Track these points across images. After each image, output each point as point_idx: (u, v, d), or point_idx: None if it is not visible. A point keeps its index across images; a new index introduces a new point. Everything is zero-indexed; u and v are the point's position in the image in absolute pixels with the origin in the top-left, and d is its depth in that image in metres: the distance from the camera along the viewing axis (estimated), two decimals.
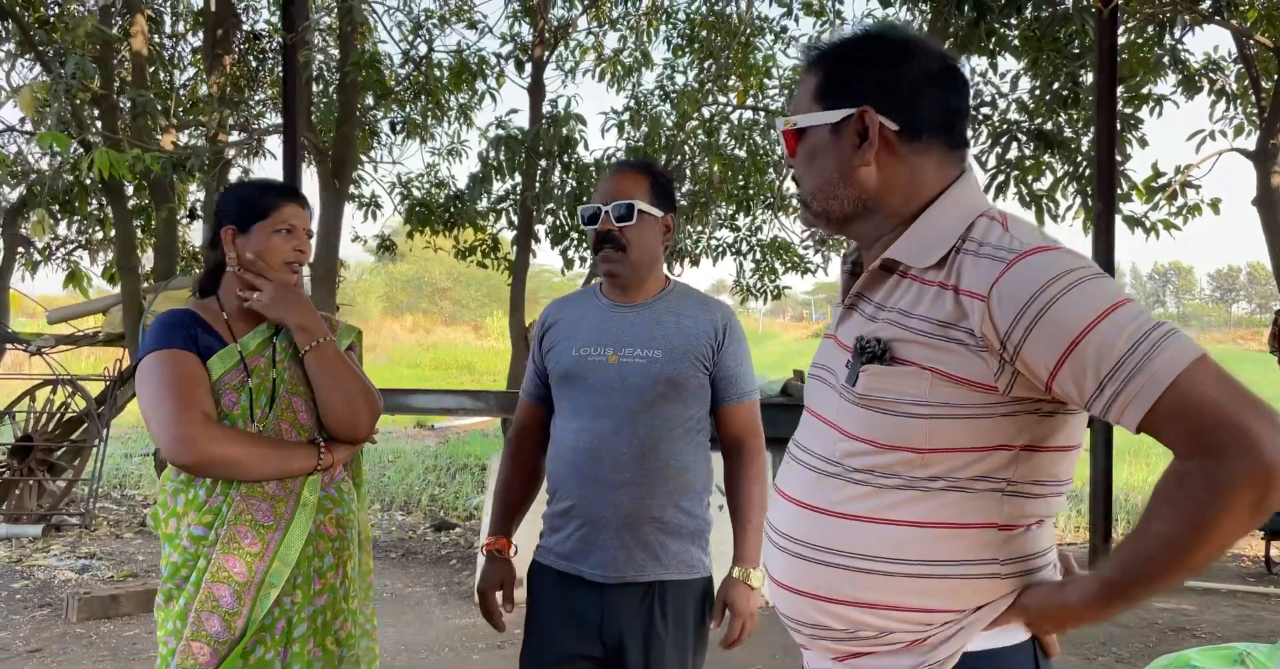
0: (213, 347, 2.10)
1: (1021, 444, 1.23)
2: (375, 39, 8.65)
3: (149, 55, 8.22)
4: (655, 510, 2.14)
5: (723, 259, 9.56)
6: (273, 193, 2.13)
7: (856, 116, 1.31)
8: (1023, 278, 1.15)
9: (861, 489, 1.28)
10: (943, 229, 1.28)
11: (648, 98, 9.03)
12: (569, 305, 2.37)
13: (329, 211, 7.79)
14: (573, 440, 2.20)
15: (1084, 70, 7.24)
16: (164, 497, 2.10)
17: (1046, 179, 7.47)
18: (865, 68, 1.33)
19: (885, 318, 1.29)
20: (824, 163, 1.35)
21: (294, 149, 6.11)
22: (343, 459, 2.16)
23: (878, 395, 1.25)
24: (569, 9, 8.83)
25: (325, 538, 2.10)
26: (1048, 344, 1.12)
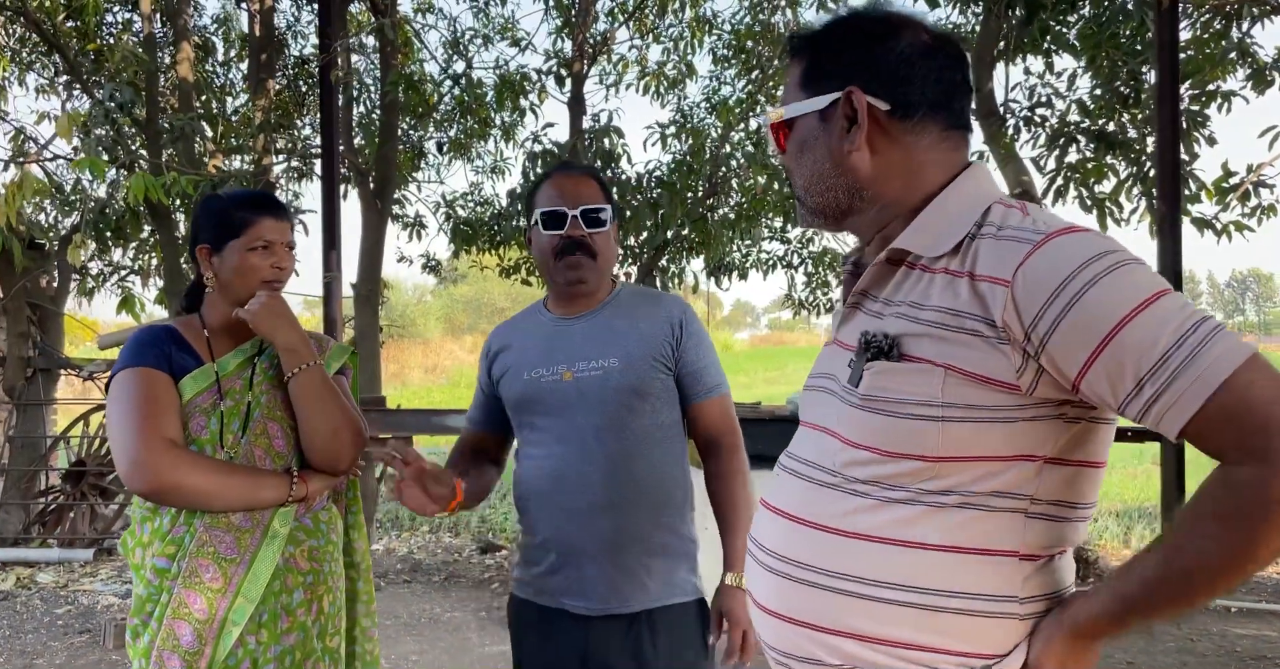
0: (187, 366, 1.98)
1: (1046, 455, 1.10)
2: (417, 58, 8.64)
3: (196, 82, 8.31)
4: (636, 532, 1.97)
5: (773, 272, 9.34)
6: (246, 206, 2.00)
7: (843, 98, 1.21)
8: (1052, 261, 1.04)
9: (864, 502, 1.15)
10: (955, 215, 1.17)
11: (693, 110, 8.88)
12: (513, 328, 2.22)
13: (371, 232, 7.76)
14: (538, 469, 2.04)
15: (1145, 67, 6.91)
16: (132, 525, 1.99)
17: (1109, 182, 7.13)
18: (847, 47, 1.24)
19: (893, 312, 1.17)
20: (814, 153, 1.26)
21: (332, 170, 6.08)
22: (319, 490, 2.01)
23: (883, 395, 1.13)
24: (611, 22, 8.74)
25: (295, 572, 1.95)
26: (1079, 337, 1.01)
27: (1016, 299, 1.04)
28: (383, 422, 6.19)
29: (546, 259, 2.07)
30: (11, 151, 8.03)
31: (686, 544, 2.05)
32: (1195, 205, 6.85)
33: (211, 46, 9.62)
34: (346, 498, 2.17)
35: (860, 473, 1.15)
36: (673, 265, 8.23)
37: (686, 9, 8.82)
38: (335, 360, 2.16)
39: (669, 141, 8.29)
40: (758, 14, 8.71)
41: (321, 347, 2.17)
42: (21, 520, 7.60)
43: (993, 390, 1.07)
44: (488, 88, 8.07)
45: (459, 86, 8.00)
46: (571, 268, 2.05)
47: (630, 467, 1.98)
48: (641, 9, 8.85)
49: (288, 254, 2.03)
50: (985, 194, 1.19)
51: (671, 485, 2.04)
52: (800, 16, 8.54)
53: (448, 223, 8.55)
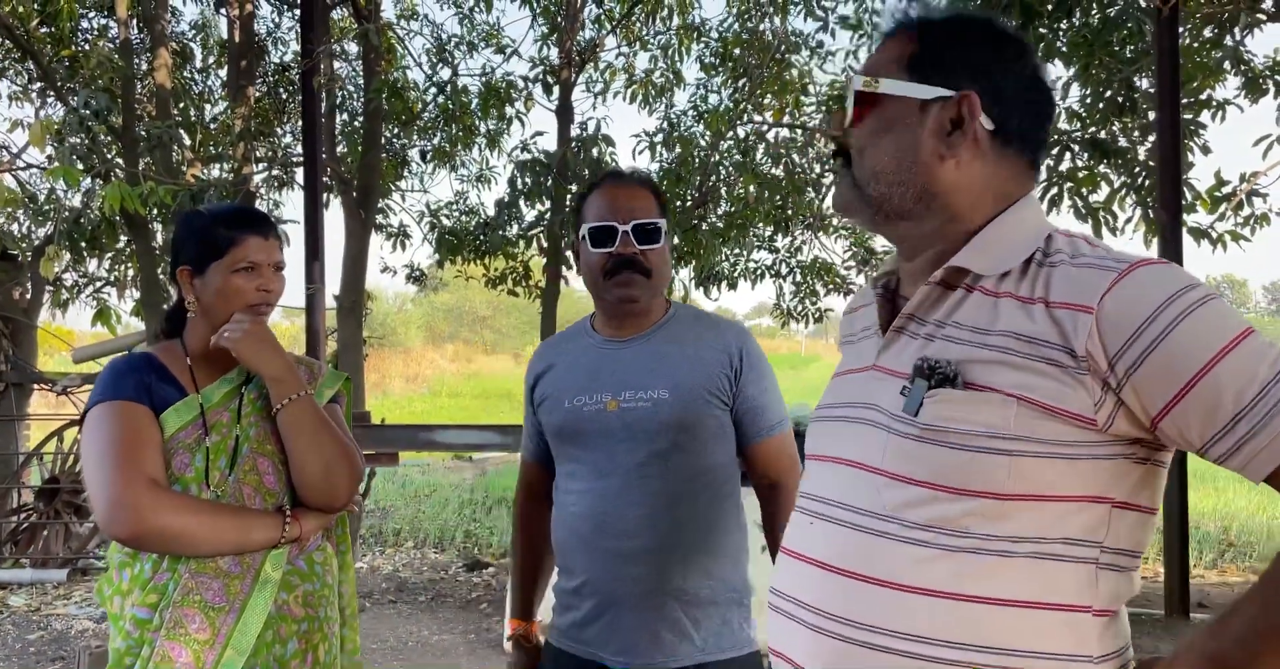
0: (169, 398, 1.83)
1: (1116, 498, 1.04)
2: (401, 65, 8.49)
3: (174, 89, 8.13)
4: (680, 581, 1.80)
5: (762, 282, 9.23)
6: (229, 225, 1.84)
7: (956, 100, 1.13)
8: (1141, 291, 1.00)
9: (925, 552, 1.05)
10: (1016, 239, 1.12)
11: (680, 118, 8.77)
12: (558, 349, 2.05)
13: (354, 242, 7.60)
14: (575, 506, 1.88)
15: (1139, 75, 6.85)
16: (109, 571, 1.83)
17: (1102, 191, 7.07)
18: (975, 50, 1.16)
19: (951, 336, 1.10)
20: (899, 141, 1.15)
21: (315, 178, 5.92)
22: (314, 530, 1.86)
23: (948, 426, 1.04)
24: (598, 29, 8.62)
25: (289, 620, 1.80)
26: (1169, 371, 0.97)
27: (1102, 329, 0.99)
28: (369, 438, 6.03)
29: (595, 277, 1.91)
30: None
31: (737, 592, 1.88)
32: (1190, 215, 6.80)
33: (190, 53, 9.44)
34: (336, 535, 2.02)
35: (918, 515, 1.06)
36: None
37: (674, 16, 8.72)
38: (328, 388, 2.02)
39: (657, 150, 8.18)
40: (746, 22, 8.61)
41: (313, 373, 2.03)
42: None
43: (1067, 424, 1.01)
44: (473, 95, 7.93)
45: (444, 94, 7.85)
46: (621, 286, 1.88)
47: (676, 509, 1.82)
48: (629, 16, 8.74)
49: (275, 276, 1.88)
50: (1043, 223, 1.15)
51: (722, 532, 1.87)
52: (789, 24, 8.45)
53: (432, 232, 8.39)
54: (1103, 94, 7.01)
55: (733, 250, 8.69)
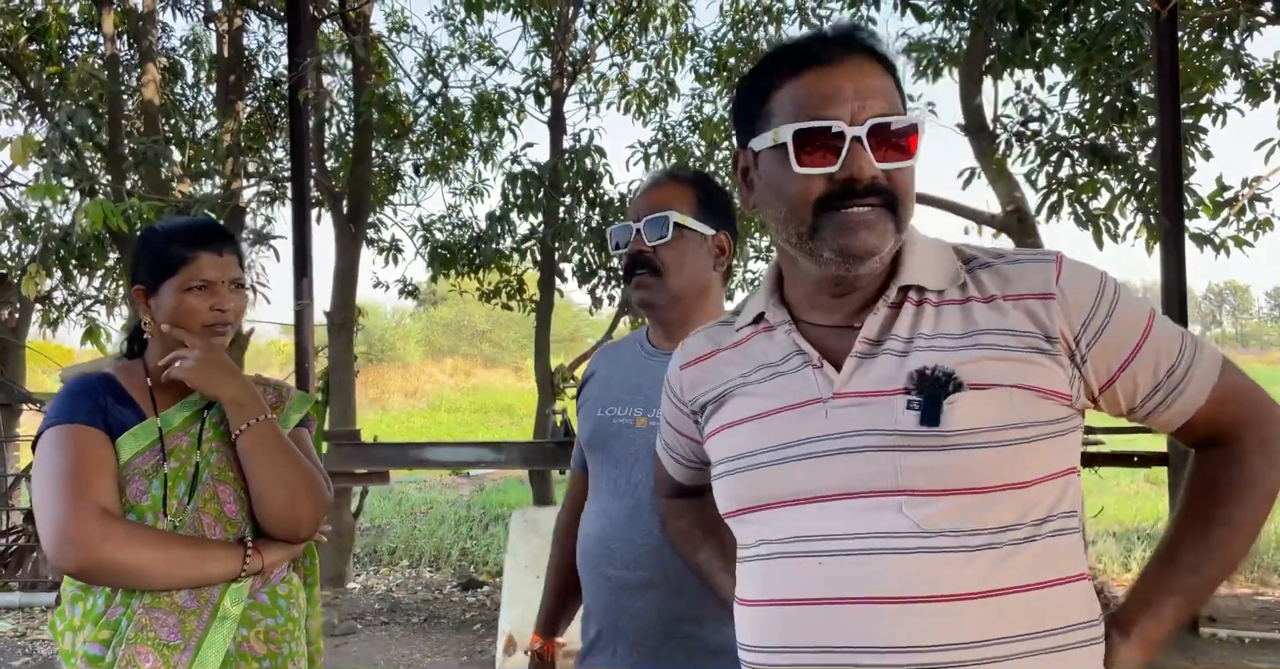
0: (126, 421, 1.72)
1: (1076, 466, 1.12)
2: (391, 78, 8.42)
3: (164, 105, 8.06)
4: (687, 622, 1.64)
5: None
6: (182, 242, 1.74)
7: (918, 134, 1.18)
8: (1081, 275, 1.11)
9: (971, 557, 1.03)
10: (937, 255, 1.16)
11: (675, 129, 8.70)
12: (610, 354, 1.93)
13: (345, 257, 7.51)
14: (589, 527, 1.78)
15: (1138, 80, 6.78)
16: (61, 605, 1.72)
17: (1103, 197, 6.98)
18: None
19: (929, 346, 1.10)
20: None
21: (303, 193, 5.84)
22: (277, 563, 1.75)
23: (972, 428, 1.04)
24: (590, 40, 8.56)
25: (249, 658, 1.69)
26: (1117, 344, 1.10)
27: (1068, 311, 1.08)
28: (358, 456, 5.92)
29: (624, 284, 1.83)
30: None
31: None
32: (1192, 220, 6.72)
33: (181, 69, 9.37)
34: (303, 566, 1.91)
35: (959, 522, 1.04)
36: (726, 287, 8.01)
37: (668, 26, 8.65)
38: (295, 412, 1.91)
39: (652, 161, 8.10)
40: (740, 31, 8.55)
41: (280, 396, 1.92)
42: None
43: (1055, 403, 1.08)
44: (465, 108, 7.86)
45: (435, 106, 7.78)
46: (637, 288, 1.75)
47: None
48: (622, 26, 8.68)
49: (232, 294, 1.77)
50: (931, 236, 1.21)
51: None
52: (783, 33, 8.38)
53: (425, 247, 8.30)
54: (1102, 99, 6.94)
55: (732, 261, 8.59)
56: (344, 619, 6.16)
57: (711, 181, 1.86)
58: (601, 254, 7.50)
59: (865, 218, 1.08)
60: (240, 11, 8.14)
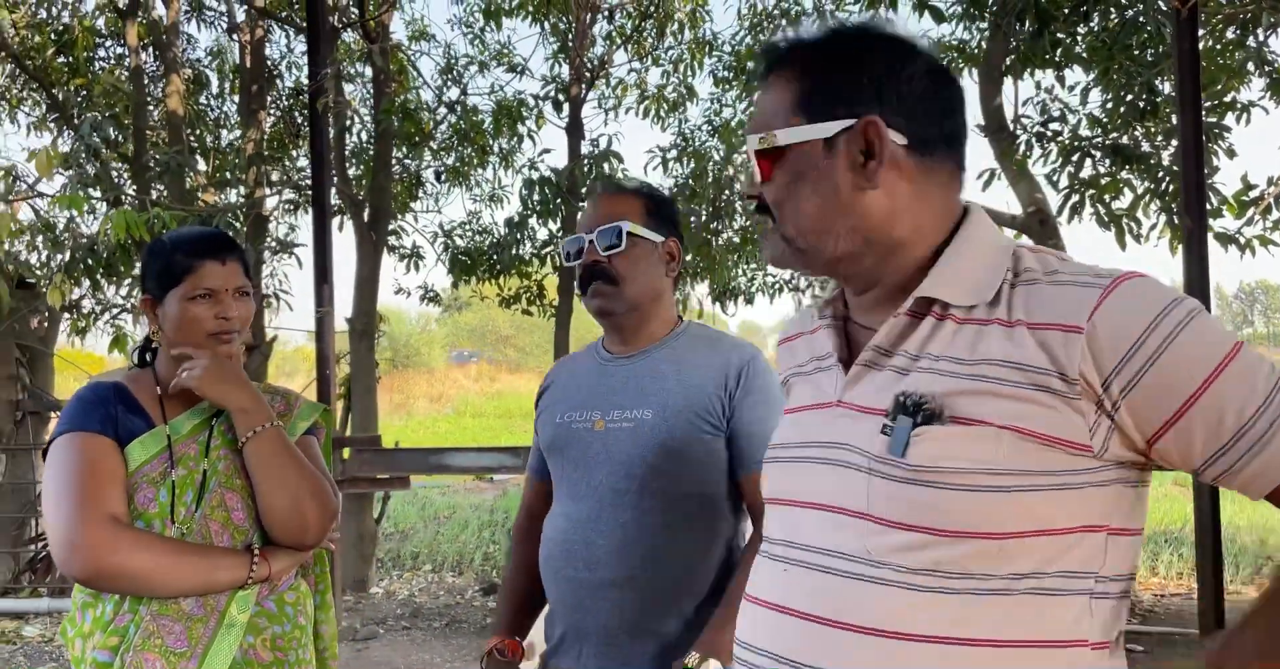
0: (136, 429, 1.75)
1: (1113, 525, 0.99)
2: (412, 86, 8.47)
3: (188, 115, 8.15)
4: (649, 621, 1.68)
5: (780, 296, 9.12)
6: (187, 251, 1.77)
7: (859, 128, 1.05)
8: (1131, 307, 0.95)
9: (920, 597, 0.97)
10: (984, 262, 1.06)
11: (694, 133, 8.70)
12: (567, 364, 1.98)
13: (366, 264, 7.57)
14: (551, 529, 1.80)
15: (1160, 78, 6.70)
16: (72, 611, 1.75)
17: (1125, 197, 6.90)
18: (863, 67, 1.07)
19: (929, 368, 1.03)
20: (817, 188, 1.07)
21: (323, 201, 5.88)
22: (284, 570, 1.77)
23: (938, 466, 0.97)
24: (608, 45, 8.57)
25: (256, 665, 1.71)
26: (1166, 391, 0.93)
27: (1094, 349, 0.94)
28: (379, 462, 5.95)
29: (580, 292, 1.85)
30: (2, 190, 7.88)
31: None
32: (1216, 220, 6.63)
33: (205, 79, 9.48)
34: (315, 573, 1.93)
35: (913, 559, 0.98)
36: (677, 291, 8.01)
37: (686, 31, 8.66)
38: (303, 420, 1.93)
39: (670, 165, 8.10)
40: (758, 34, 8.54)
41: (288, 404, 1.95)
42: (11, 569, 7.36)
43: (1062, 452, 0.95)
44: (484, 114, 7.90)
45: (455, 114, 7.82)
46: (594, 296, 1.80)
47: (650, 541, 1.70)
48: (640, 32, 8.69)
49: (236, 302, 1.79)
50: (1005, 239, 1.09)
51: (703, 570, 1.73)
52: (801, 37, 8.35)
53: (445, 253, 8.35)
54: (1123, 98, 6.87)
55: (748, 265, 8.58)
56: (366, 624, 6.20)
57: (657, 191, 1.93)
58: None
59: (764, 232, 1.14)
60: (262, 22, 8.23)
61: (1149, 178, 6.89)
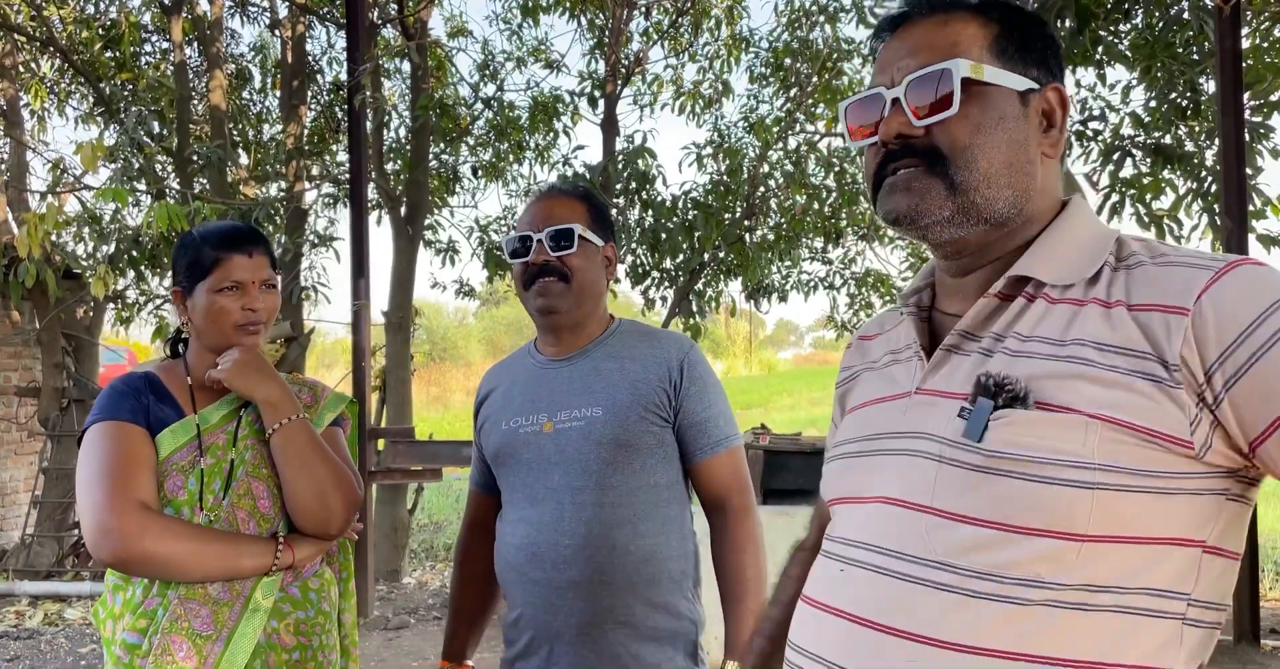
0: (167, 418, 1.80)
1: (1209, 542, 0.90)
2: (449, 81, 8.55)
3: (230, 110, 8.28)
4: (620, 613, 1.72)
5: (814, 294, 9.09)
6: (215, 244, 1.82)
7: (1044, 94, 1.02)
8: (1245, 290, 0.87)
9: (981, 605, 0.89)
10: (1086, 242, 0.99)
11: (730, 129, 8.69)
12: (503, 370, 2.00)
13: (402, 258, 7.65)
14: (511, 536, 1.82)
15: (1203, 77, 6.60)
16: (104, 594, 1.81)
17: (1167, 197, 6.80)
18: (1042, 39, 1.04)
19: (1015, 349, 0.95)
20: (1014, 137, 1.00)
21: (360, 195, 5.97)
22: (308, 558, 1.82)
23: (1018, 453, 0.89)
24: (645, 42, 8.59)
25: (279, 649, 1.75)
26: (1273, 388, 0.84)
27: (1198, 332, 0.86)
28: (413, 453, 6.04)
29: (519, 290, 1.88)
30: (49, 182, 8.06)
31: (685, 626, 1.80)
32: (1259, 221, 6.52)
33: (247, 74, 9.62)
34: (339, 561, 1.98)
35: (976, 561, 0.90)
36: (710, 288, 8.01)
37: (722, 27, 8.65)
38: (329, 411, 1.97)
39: (705, 162, 8.09)
40: (795, 30, 8.51)
41: (316, 395, 1.99)
42: (55, 552, 7.53)
43: (1159, 450, 0.87)
44: (520, 110, 7.94)
45: (491, 109, 7.88)
46: (540, 294, 1.83)
47: (614, 535, 1.74)
48: (676, 28, 8.69)
49: (262, 294, 1.84)
50: (1108, 228, 1.02)
51: (665, 558, 1.79)
52: (839, 32, 8.32)
53: (481, 247, 8.41)
54: (1165, 97, 6.77)
55: (783, 262, 8.56)
56: (398, 613, 6.28)
57: (597, 195, 1.98)
58: (655, 255, 7.53)
59: (898, 181, 1.01)
60: (304, 18, 8.33)
61: (1191, 178, 6.78)
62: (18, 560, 7.39)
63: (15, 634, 5.87)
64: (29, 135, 8.81)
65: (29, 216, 5.28)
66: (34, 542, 7.49)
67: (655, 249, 7.43)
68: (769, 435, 5.04)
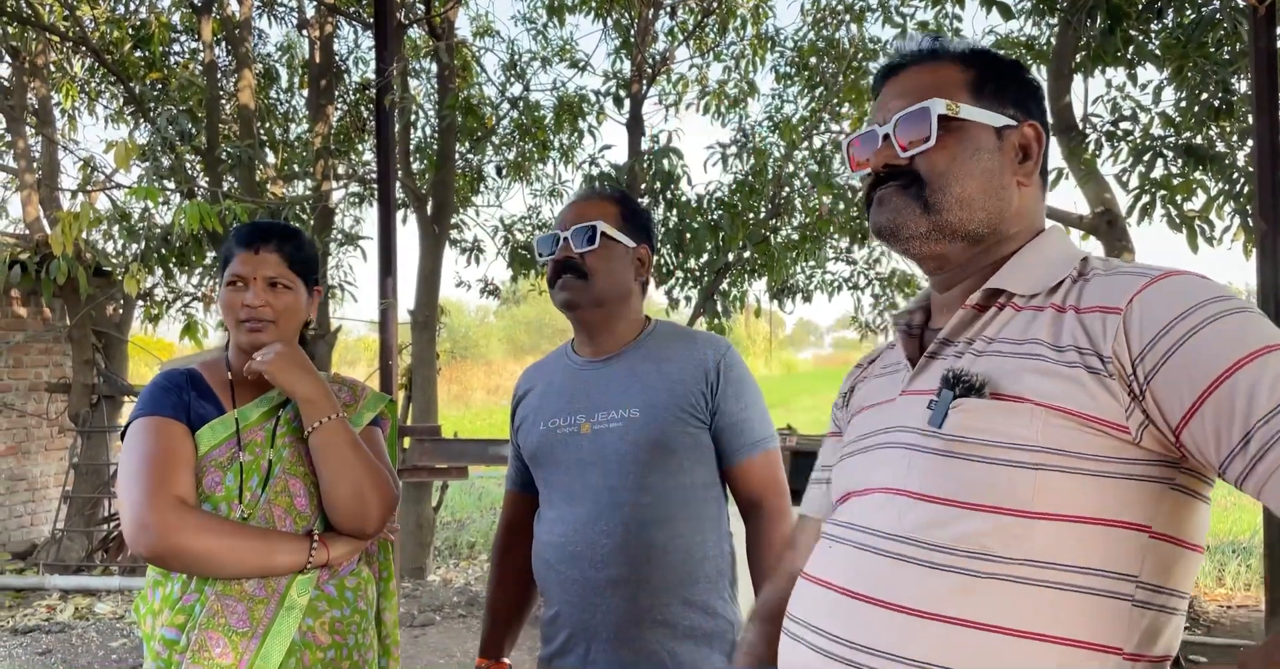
0: (207, 415, 1.83)
1: (1154, 527, 0.97)
2: (475, 81, 8.57)
3: (258, 109, 8.34)
4: (657, 612, 1.73)
5: (839, 294, 9.05)
6: (233, 240, 1.86)
7: (1020, 129, 1.17)
8: (1172, 293, 0.97)
9: (940, 575, 0.99)
10: (1054, 260, 1.12)
11: (755, 129, 8.66)
12: (541, 370, 2.01)
13: (428, 257, 7.68)
14: (549, 535, 1.84)
15: (1236, 77, 6.52)
16: (144, 590, 1.83)
17: (1198, 198, 6.73)
18: (1018, 80, 1.20)
19: (981, 350, 1.09)
20: (988, 167, 1.14)
21: (388, 195, 5.98)
22: (344, 556, 1.83)
23: (972, 438, 1.01)
24: (670, 41, 8.58)
25: (314, 648, 1.76)
26: (1186, 378, 0.92)
27: (1128, 328, 0.97)
28: (438, 451, 6.05)
29: (549, 289, 1.90)
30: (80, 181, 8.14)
31: (722, 625, 1.80)
32: None
33: (275, 74, 9.68)
34: (378, 561, 1.99)
35: (937, 535, 1.01)
36: (734, 288, 8.00)
37: (748, 27, 8.63)
38: (369, 411, 1.99)
39: (730, 162, 8.08)
40: (821, 30, 8.48)
41: (354, 395, 2.00)
42: (85, 547, 7.62)
43: (1099, 435, 0.96)
44: (546, 110, 7.96)
45: (517, 109, 7.90)
46: (561, 289, 1.85)
47: (651, 535, 1.75)
48: (702, 28, 8.68)
49: (266, 291, 1.84)
50: (1078, 250, 1.16)
51: (702, 558, 1.80)
52: (866, 31, 8.29)
53: (505, 247, 8.43)
54: (1197, 97, 6.70)
55: (807, 262, 8.53)
56: (423, 611, 6.31)
57: (633, 199, 1.99)
58: (679, 255, 7.52)
59: (880, 197, 1.17)
60: (331, 18, 8.38)
61: (1223, 179, 6.71)
62: (48, 555, 7.48)
63: (47, 628, 5.94)
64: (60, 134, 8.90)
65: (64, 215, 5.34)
66: (64, 536, 7.58)
67: (680, 249, 7.43)
68: (796, 436, 5.03)
